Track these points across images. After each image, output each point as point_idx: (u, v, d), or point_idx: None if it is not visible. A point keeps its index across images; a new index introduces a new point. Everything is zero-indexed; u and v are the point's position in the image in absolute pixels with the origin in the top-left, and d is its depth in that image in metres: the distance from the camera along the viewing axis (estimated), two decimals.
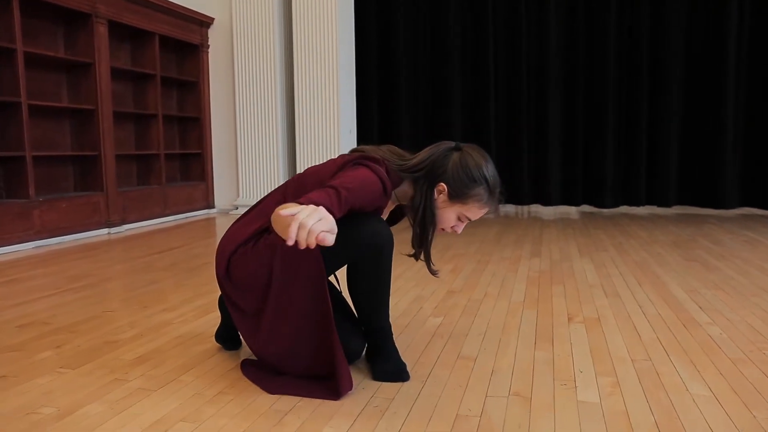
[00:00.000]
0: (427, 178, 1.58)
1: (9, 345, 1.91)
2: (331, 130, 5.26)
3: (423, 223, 1.59)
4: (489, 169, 1.59)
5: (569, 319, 2.13)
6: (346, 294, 1.72)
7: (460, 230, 1.64)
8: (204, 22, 5.47)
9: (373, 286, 1.59)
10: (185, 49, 5.46)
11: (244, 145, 5.50)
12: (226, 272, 1.61)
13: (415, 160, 1.60)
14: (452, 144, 1.62)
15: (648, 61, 5.21)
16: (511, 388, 1.53)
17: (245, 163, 5.52)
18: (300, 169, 5.36)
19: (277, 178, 5.45)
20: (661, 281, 2.68)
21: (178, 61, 5.51)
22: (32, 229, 3.77)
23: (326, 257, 1.53)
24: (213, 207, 5.73)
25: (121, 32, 4.71)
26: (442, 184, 1.56)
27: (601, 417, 1.36)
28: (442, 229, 1.65)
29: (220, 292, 2.51)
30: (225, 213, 5.66)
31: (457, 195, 1.57)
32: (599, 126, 5.33)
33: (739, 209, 5.14)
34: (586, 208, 5.57)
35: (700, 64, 5.11)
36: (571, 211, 5.63)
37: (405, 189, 1.62)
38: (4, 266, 3.21)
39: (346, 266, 1.62)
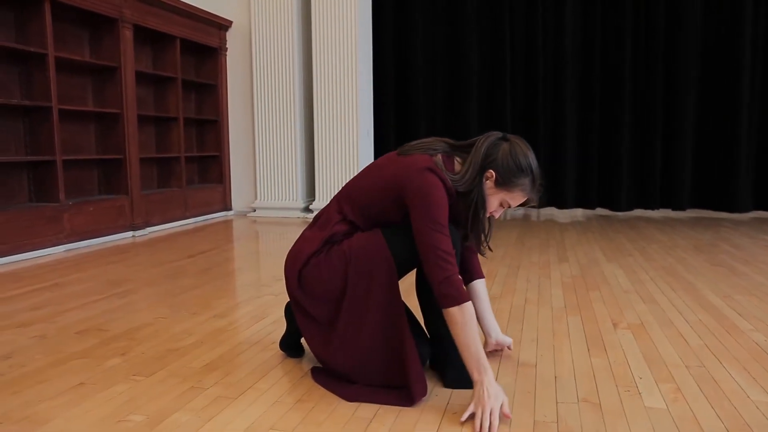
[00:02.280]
0: (479, 163, 1.62)
1: (76, 352, 1.95)
2: (350, 131, 5.30)
3: (476, 208, 1.63)
4: (534, 160, 1.64)
5: (614, 326, 2.19)
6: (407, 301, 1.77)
7: (498, 215, 1.69)
8: (223, 25, 5.50)
9: None
10: (204, 51, 5.49)
11: (262, 147, 5.53)
12: (298, 283, 1.66)
13: (469, 175, 1.61)
14: (500, 134, 1.67)
15: (663, 65, 5.28)
16: (579, 395, 1.59)
17: (263, 166, 5.56)
18: (318, 171, 5.40)
19: (295, 179, 5.49)
20: (694, 287, 2.75)
21: (196, 63, 5.54)
22: (63, 232, 3.80)
23: (398, 261, 1.59)
24: (230, 209, 5.76)
25: (143, 36, 4.74)
26: (491, 171, 1.61)
27: (671, 423, 1.42)
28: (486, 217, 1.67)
29: (266, 299, 2.56)
30: (243, 215, 5.70)
31: (505, 182, 1.61)
32: (614, 130, 5.40)
33: (752, 213, 5.22)
34: (600, 211, 5.64)
35: (714, 68, 5.18)
36: (582, 213, 5.69)
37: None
38: (42, 270, 3.24)
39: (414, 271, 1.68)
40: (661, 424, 1.41)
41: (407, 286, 2.08)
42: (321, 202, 5.43)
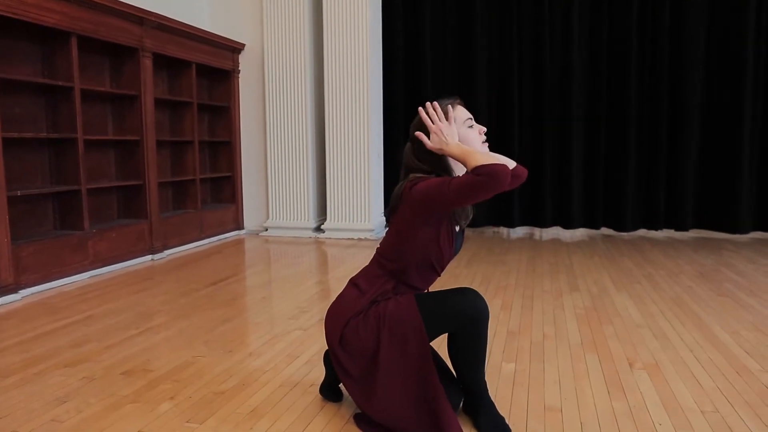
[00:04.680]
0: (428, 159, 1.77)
1: (127, 396, 2.07)
2: (361, 154, 5.42)
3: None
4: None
5: (630, 365, 2.32)
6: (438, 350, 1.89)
7: (482, 131, 1.83)
8: (236, 48, 5.62)
9: (472, 351, 1.77)
10: (217, 74, 5.61)
11: (274, 167, 5.66)
12: (339, 342, 1.79)
13: (422, 166, 1.77)
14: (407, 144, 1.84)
15: (668, 88, 5.42)
16: None
17: (275, 185, 5.68)
18: (330, 191, 5.53)
19: (307, 199, 5.62)
20: (702, 321, 2.88)
21: (209, 86, 5.66)
22: (87, 259, 3.91)
23: (429, 327, 1.73)
24: (243, 228, 5.88)
25: (159, 62, 4.84)
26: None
27: None
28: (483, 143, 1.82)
29: (295, 335, 2.68)
30: (254, 234, 5.81)
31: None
32: (620, 151, 5.54)
33: (751, 234, 5.37)
34: (604, 230, 5.77)
35: (717, 92, 5.32)
36: (587, 233, 5.81)
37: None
38: (72, 300, 3.35)
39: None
40: None
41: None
42: (332, 222, 5.55)
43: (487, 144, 1.84)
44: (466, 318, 1.72)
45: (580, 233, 5.78)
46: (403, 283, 1.81)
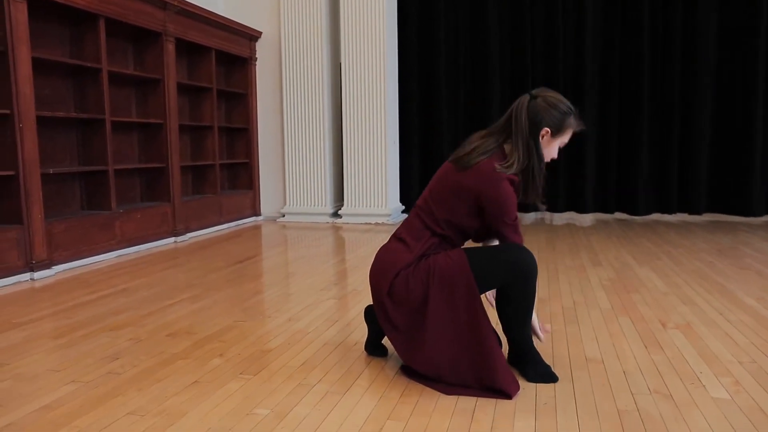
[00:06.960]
0: (528, 132, 1.78)
1: (176, 353, 2.12)
2: (378, 140, 5.48)
3: (533, 173, 1.81)
4: (564, 98, 1.86)
5: (663, 325, 2.38)
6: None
7: (553, 157, 1.88)
8: (253, 36, 5.67)
9: (521, 305, 1.81)
10: (235, 61, 5.66)
11: (292, 154, 5.71)
12: (388, 291, 1.83)
13: (522, 154, 1.78)
14: (526, 96, 1.84)
15: (680, 71, 5.48)
16: (650, 387, 1.77)
17: (292, 172, 5.73)
18: (347, 176, 5.58)
19: (324, 185, 5.67)
20: (727, 290, 2.94)
21: (227, 73, 5.71)
22: (114, 239, 3.96)
23: (479, 281, 1.77)
24: (260, 215, 5.93)
25: (179, 48, 4.89)
26: (544, 129, 1.80)
27: (739, 412, 1.60)
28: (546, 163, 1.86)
29: (330, 303, 2.73)
30: (272, 220, 5.87)
31: (558, 130, 1.82)
32: (633, 136, 5.60)
33: (765, 216, 5.42)
34: (618, 215, 5.82)
35: (730, 73, 5.38)
36: (601, 217, 5.86)
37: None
38: (104, 276, 3.41)
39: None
40: (730, 412, 1.60)
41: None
42: (349, 207, 5.61)
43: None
44: (517, 272, 1.76)
45: (593, 218, 5.84)
46: (447, 242, 1.86)
